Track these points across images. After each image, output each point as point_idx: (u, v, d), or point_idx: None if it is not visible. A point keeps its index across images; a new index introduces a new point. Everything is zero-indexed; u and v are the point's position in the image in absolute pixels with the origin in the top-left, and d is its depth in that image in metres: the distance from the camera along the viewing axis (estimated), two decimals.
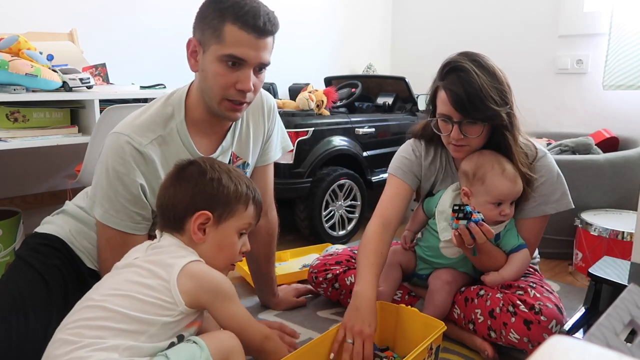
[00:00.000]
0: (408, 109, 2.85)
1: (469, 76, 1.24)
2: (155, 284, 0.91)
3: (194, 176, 1.01)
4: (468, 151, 1.36)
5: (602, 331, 0.64)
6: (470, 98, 1.24)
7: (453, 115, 1.28)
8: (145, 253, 0.99)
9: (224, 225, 1.02)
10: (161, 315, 0.90)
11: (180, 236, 1.01)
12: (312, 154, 2.21)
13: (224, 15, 1.06)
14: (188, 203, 1.00)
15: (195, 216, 0.99)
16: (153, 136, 1.14)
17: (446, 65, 1.30)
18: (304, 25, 3.18)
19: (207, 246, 1.01)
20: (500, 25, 3.17)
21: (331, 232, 2.32)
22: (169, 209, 1.01)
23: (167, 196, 1.02)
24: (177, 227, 1.01)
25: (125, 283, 0.92)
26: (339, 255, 1.66)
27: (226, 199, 1.01)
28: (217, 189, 1.01)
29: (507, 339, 1.27)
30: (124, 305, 0.88)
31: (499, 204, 1.33)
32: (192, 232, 0.99)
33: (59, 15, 2.19)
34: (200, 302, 0.95)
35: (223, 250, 1.03)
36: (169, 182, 1.04)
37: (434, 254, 1.47)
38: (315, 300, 1.72)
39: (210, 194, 1.00)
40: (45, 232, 1.21)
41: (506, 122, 1.29)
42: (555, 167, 1.39)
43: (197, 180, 1.01)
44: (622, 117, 2.74)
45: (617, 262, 1.39)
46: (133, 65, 2.38)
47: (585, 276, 1.89)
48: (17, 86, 1.58)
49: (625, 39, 2.56)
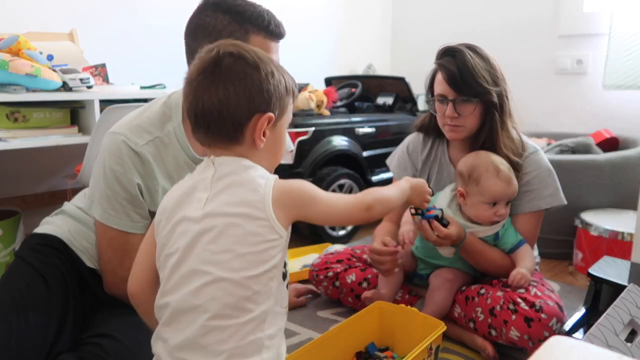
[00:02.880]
0: (408, 109, 2.85)
1: (463, 56, 1.36)
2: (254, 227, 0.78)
3: (245, 72, 0.81)
4: (463, 132, 1.41)
5: (602, 331, 0.64)
6: (463, 75, 1.35)
7: (448, 94, 1.38)
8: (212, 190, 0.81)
9: (279, 124, 0.87)
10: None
11: (237, 147, 0.83)
12: (312, 154, 2.21)
13: (246, 28, 1.10)
14: (246, 105, 0.81)
15: (261, 120, 0.81)
16: (149, 137, 1.14)
17: (442, 49, 1.42)
18: (304, 25, 3.18)
19: (262, 151, 0.85)
20: (500, 25, 3.17)
21: (331, 232, 2.32)
22: (223, 117, 0.80)
23: (215, 101, 0.80)
24: (234, 136, 0.82)
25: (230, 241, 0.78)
26: (340, 254, 1.66)
27: (280, 95, 0.85)
28: (273, 85, 0.83)
29: (508, 336, 1.27)
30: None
31: (494, 204, 1.35)
32: (258, 139, 0.82)
33: (59, 15, 2.19)
34: (290, 219, 0.82)
35: (277, 152, 0.89)
36: (208, 83, 0.81)
37: (430, 255, 1.47)
38: (315, 300, 1.72)
39: (268, 91, 0.82)
40: (44, 232, 1.21)
41: (496, 102, 1.38)
42: (546, 163, 1.43)
43: (252, 76, 0.81)
44: (622, 117, 2.74)
45: (617, 262, 1.39)
46: (133, 65, 2.38)
47: (585, 276, 1.89)
48: (17, 86, 1.58)
49: (625, 39, 2.56)
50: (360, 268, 1.60)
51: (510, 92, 1.43)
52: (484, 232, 1.39)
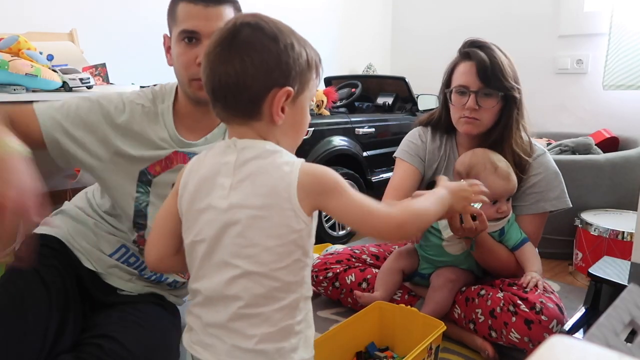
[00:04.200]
0: (408, 109, 2.85)
1: (493, 51, 1.39)
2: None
3: (263, 43, 0.77)
4: (479, 127, 1.40)
5: (602, 331, 0.64)
6: (494, 68, 1.36)
7: (471, 85, 1.38)
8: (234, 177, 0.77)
9: (300, 100, 0.82)
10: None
11: (256, 123, 0.79)
12: (312, 154, 2.21)
13: None
14: (263, 78, 0.77)
15: (278, 95, 0.77)
16: (141, 101, 1.15)
17: (468, 41, 1.43)
18: (304, 25, 3.16)
19: (282, 128, 0.81)
20: (500, 25, 3.17)
21: (331, 232, 2.32)
22: (239, 90, 0.76)
23: (232, 73, 0.75)
24: (251, 111, 0.78)
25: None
26: (339, 255, 1.66)
27: (300, 69, 0.80)
28: (293, 58, 0.79)
29: (508, 338, 1.27)
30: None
31: (495, 202, 1.35)
32: (276, 114, 0.78)
33: (59, 15, 2.19)
34: (314, 208, 0.79)
35: (299, 130, 0.85)
36: (225, 55, 0.76)
37: (436, 253, 1.47)
38: (316, 300, 1.72)
39: (287, 64, 0.78)
40: (44, 232, 1.21)
41: (518, 98, 1.40)
42: (553, 166, 1.43)
43: (270, 48, 0.77)
44: (622, 117, 2.74)
45: (617, 262, 1.39)
46: (133, 65, 2.38)
47: (585, 276, 1.89)
48: (17, 86, 1.58)
49: (625, 39, 2.56)
50: (360, 268, 1.60)
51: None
52: (489, 228, 1.39)
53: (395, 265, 1.50)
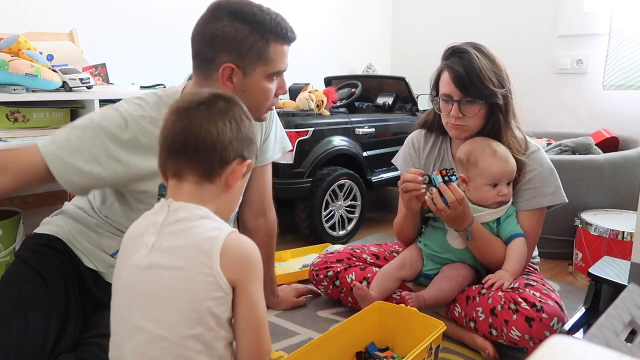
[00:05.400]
0: (408, 109, 2.84)
1: (470, 57, 1.36)
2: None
3: (241, 117, 0.87)
4: (466, 131, 1.42)
5: (602, 331, 0.64)
6: (470, 77, 1.34)
7: (453, 94, 1.38)
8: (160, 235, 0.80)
9: (247, 175, 0.91)
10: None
11: (209, 185, 0.83)
12: (312, 154, 2.21)
13: (267, 37, 1.12)
14: (236, 146, 0.84)
15: (241, 165, 0.84)
16: (141, 112, 1.14)
17: (449, 49, 1.41)
18: (304, 25, 3.18)
19: (229, 195, 0.87)
20: (500, 25, 3.17)
21: (331, 232, 2.32)
22: (214, 149, 0.81)
23: (214, 132, 0.81)
24: (214, 173, 0.82)
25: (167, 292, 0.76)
26: (340, 254, 1.67)
27: (256, 147, 0.90)
28: (255, 136, 0.89)
29: (509, 336, 1.27)
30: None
31: (495, 185, 1.37)
32: (234, 181, 0.84)
33: (59, 15, 2.19)
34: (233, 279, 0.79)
35: (239, 199, 0.94)
36: (209, 113, 0.83)
37: (440, 249, 1.48)
38: (315, 300, 1.72)
39: (252, 141, 0.87)
40: (44, 232, 1.21)
41: (501, 103, 1.38)
42: (547, 162, 1.45)
43: (245, 122, 0.87)
44: (622, 117, 2.74)
45: (617, 262, 1.39)
46: (133, 65, 2.38)
47: (585, 276, 1.89)
48: (17, 86, 1.58)
49: (625, 39, 2.56)
50: (360, 267, 1.61)
51: (514, 92, 1.44)
52: (490, 215, 1.41)
53: (397, 274, 1.51)
